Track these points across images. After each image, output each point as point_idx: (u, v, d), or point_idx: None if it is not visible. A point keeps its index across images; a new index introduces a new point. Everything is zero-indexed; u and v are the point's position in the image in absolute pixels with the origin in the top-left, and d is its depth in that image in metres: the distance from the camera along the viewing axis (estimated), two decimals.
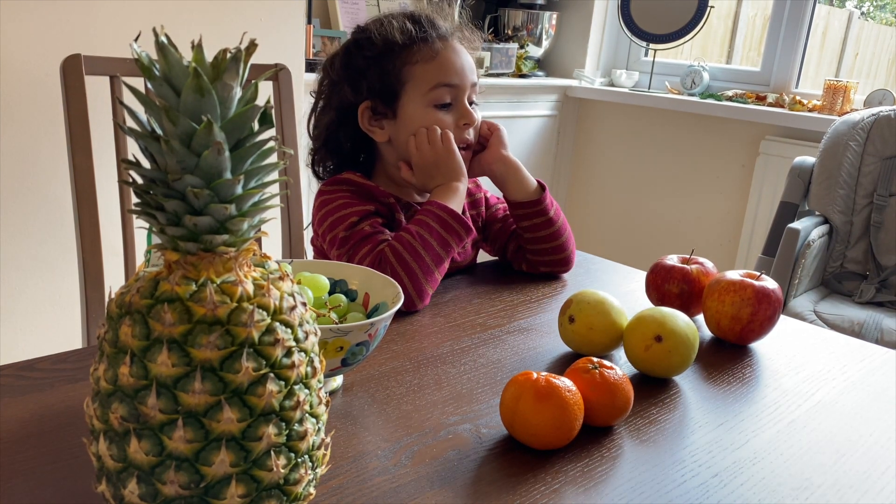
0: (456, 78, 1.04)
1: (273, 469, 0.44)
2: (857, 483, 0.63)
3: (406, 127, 1.04)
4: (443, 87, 1.03)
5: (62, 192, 1.76)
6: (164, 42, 0.42)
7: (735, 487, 0.61)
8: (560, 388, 0.63)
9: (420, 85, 1.03)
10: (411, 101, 1.04)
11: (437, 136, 1.02)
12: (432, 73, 1.03)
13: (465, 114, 1.05)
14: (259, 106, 0.44)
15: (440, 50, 1.04)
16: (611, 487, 0.60)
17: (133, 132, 0.43)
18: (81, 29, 1.72)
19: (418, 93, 1.03)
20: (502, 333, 0.89)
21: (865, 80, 2.76)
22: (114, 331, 0.44)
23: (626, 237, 2.92)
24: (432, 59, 1.03)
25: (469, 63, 1.07)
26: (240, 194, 0.44)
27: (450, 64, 1.04)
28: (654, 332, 0.77)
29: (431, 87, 1.03)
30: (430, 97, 1.03)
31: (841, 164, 2.03)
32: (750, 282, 0.88)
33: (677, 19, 2.68)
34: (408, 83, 1.03)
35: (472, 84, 1.06)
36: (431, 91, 1.03)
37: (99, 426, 0.44)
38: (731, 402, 0.76)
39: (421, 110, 1.03)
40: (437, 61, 1.03)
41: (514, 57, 2.68)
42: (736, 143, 2.59)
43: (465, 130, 1.06)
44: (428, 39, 1.04)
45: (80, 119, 1.14)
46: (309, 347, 0.47)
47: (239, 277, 0.44)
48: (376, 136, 1.06)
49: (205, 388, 0.42)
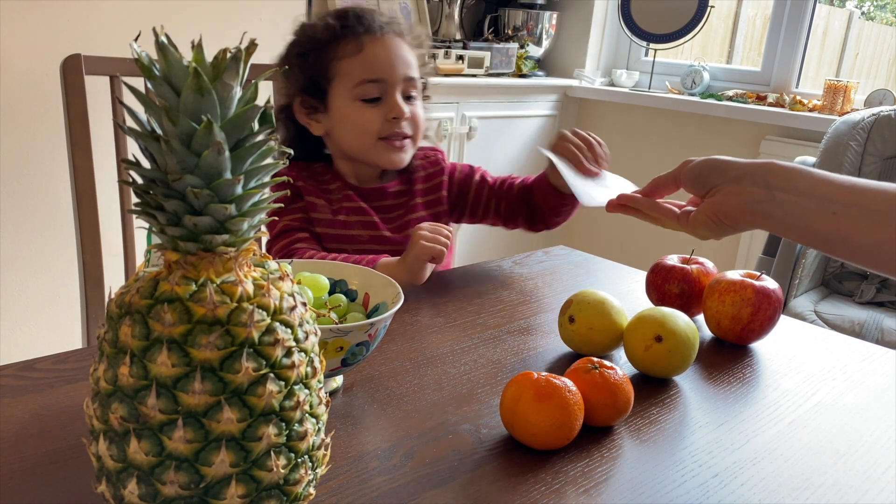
0: (383, 72, 1.05)
1: (273, 469, 0.44)
2: (857, 483, 0.63)
3: (338, 122, 1.08)
4: (368, 83, 1.05)
5: (62, 193, 1.76)
6: (164, 42, 0.42)
7: (735, 488, 0.61)
8: (560, 389, 0.63)
9: (346, 80, 1.05)
10: (339, 97, 1.06)
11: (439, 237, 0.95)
12: (357, 69, 1.05)
13: (394, 108, 1.06)
14: (259, 106, 0.44)
15: (365, 44, 1.05)
16: (611, 488, 0.60)
17: (133, 132, 0.43)
18: (81, 29, 1.72)
19: (345, 88, 1.05)
20: (502, 333, 0.89)
21: (866, 80, 2.76)
22: (114, 331, 0.44)
23: (627, 237, 2.92)
24: (356, 54, 1.05)
25: (402, 57, 1.07)
26: (240, 194, 0.44)
27: (375, 58, 1.05)
28: (654, 332, 0.77)
29: (357, 83, 1.05)
30: (356, 92, 1.05)
31: (841, 164, 2.03)
32: (750, 282, 0.88)
33: (678, 19, 2.68)
34: (334, 79, 1.06)
35: (406, 78, 1.07)
36: (357, 87, 1.05)
37: (99, 426, 0.44)
38: (731, 402, 0.76)
39: (348, 105, 1.06)
40: (362, 56, 1.05)
41: (514, 57, 2.68)
42: (736, 142, 2.59)
43: (396, 125, 1.07)
44: (353, 35, 1.05)
45: (80, 119, 1.14)
46: (309, 347, 0.47)
47: (239, 277, 0.44)
48: (313, 130, 1.10)
49: (205, 389, 0.42)
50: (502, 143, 2.66)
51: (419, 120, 1.11)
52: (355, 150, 1.09)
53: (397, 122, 1.07)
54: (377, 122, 1.06)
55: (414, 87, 1.10)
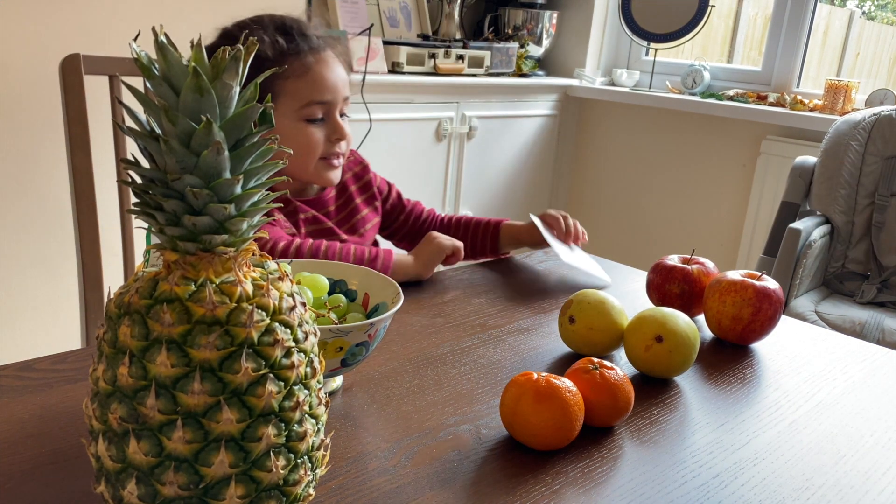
0: (328, 94, 1.05)
1: (272, 470, 0.44)
2: (858, 484, 0.63)
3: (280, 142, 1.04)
4: (315, 105, 1.04)
5: (61, 192, 1.76)
6: (164, 41, 0.42)
7: (736, 488, 0.61)
8: (560, 389, 0.63)
9: (291, 101, 1.03)
10: (283, 116, 1.04)
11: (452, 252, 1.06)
12: (304, 90, 1.03)
13: (337, 129, 1.07)
14: (259, 105, 0.44)
15: (312, 65, 1.04)
16: (611, 488, 0.60)
17: (132, 132, 0.42)
18: (80, 28, 1.72)
19: (290, 108, 1.03)
20: (502, 334, 0.89)
21: (866, 80, 2.75)
22: (113, 331, 0.44)
23: (627, 237, 2.91)
24: (304, 75, 1.03)
25: (342, 77, 1.07)
26: (239, 194, 0.44)
27: (322, 80, 1.04)
28: (654, 332, 0.76)
29: (303, 105, 1.03)
30: (302, 113, 1.04)
31: (842, 164, 2.03)
32: (751, 282, 0.88)
33: (678, 18, 2.68)
34: (279, 98, 1.03)
35: (344, 98, 1.08)
36: (303, 108, 1.03)
37: (98, 427, 0.44)
38: (731, 402, 0.76)
39: (293, 125, 1.04)
40: (309, 77, 1.03)
41: (514, 56, 2.68)
42: (737, 142, 2.59)
43: (336, 144, 1.08)
44: (299, 53, 1.03)
45: (79, 119, 1.14)
46: (308, 348, 0.47)
47: (238, 277, 0.44)
48: None
49: (204, 389, 0.42)
50: (502, 143, 2.66)
51: (350, 137, 1.12)
52: (295, 169, 1.06)
53: (338, 143, 1.08)
54: (321, 142, 1.06)
55: (347, 105, 1.11)
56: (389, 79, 2.20)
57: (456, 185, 2.53)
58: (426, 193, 2.45)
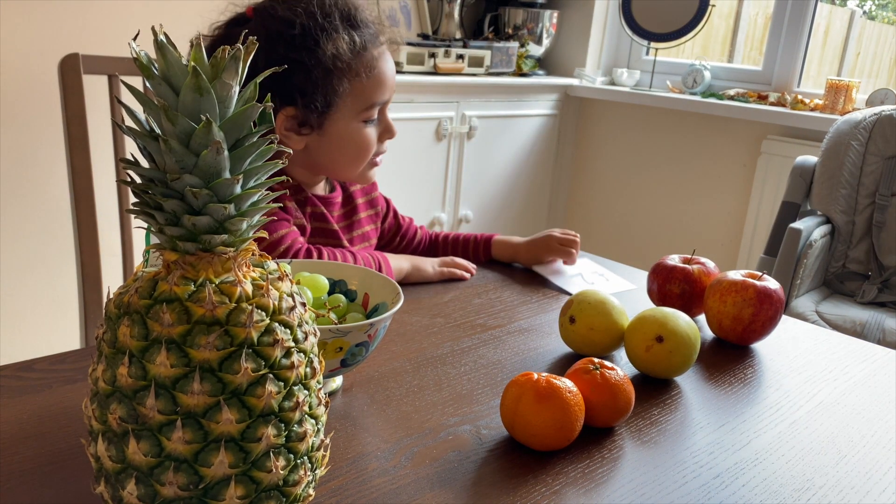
0: (388, 93, 0.99)
1: (272, 470, 0.44)
2: (858, 484, 0.63)
3: (332, 142, 0.98)
4: (376, 106, 0.99)
5: (60, 192, 1.76)
6: (163, 41, 0.41)
7: (737, 489, 0.61)
8: (561, 389, 0.63)
9: (356, 102, 0.96)
10: (343, 117, 0.96)
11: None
12: (369, 90, 0.97)
13: (389, 127, 1.02)
14: (258, 105, 0.43)
15: (376, 60, 0.97)
16: (612, 489, 0.59)
17: (131, 131, 0.42)
18: (79, 28, 1.72)
19: (353, 109, 0.97)
20: (503, 334, 0.88)
21: (867, 80, 2.75)
22: (112, 331, 0.44)
23: (628, 237, 2.91)
24: (371, 73, 0.96)
25: (394, 70, 1.01)
26: (239, 194, 0.44)
27: (384, 78, 0.98)
28: (655, 332, 0.76)
29: (366, 107, 0.97)
30: (364, 115, 0.98)
31: (843, 164, 2.02)
32: (752, 282, 0.88)
33: (678, 18, 2.68)
34: (344, 97, 0.95)
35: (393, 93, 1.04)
36: (366, 110, 0.97)
37: (97, 427, 0.44)
38: (732, 402, 0.76)
39: (352, 126, 0.97)
40: (375, 76, 0.97)
41: (514, 56, 2.68)
42: (737, 142, 2.59)
43: (384, 143, 1.04)
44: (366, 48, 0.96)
45: (78, 118, 1.14)
46: (308, 348, 0.47)
47: (238, 278, 0.44)
48: (291, 144, 0.97)
49: (203, 389, 0.42)
50: (502, 143, 2.66)
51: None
52: (348, 170, 1.02)
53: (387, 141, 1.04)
54: (375, 142, 1.01)
55: None
56: None
57: (456, 184, 2.53)
58: (426, 193, 2.45)
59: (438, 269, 1.06)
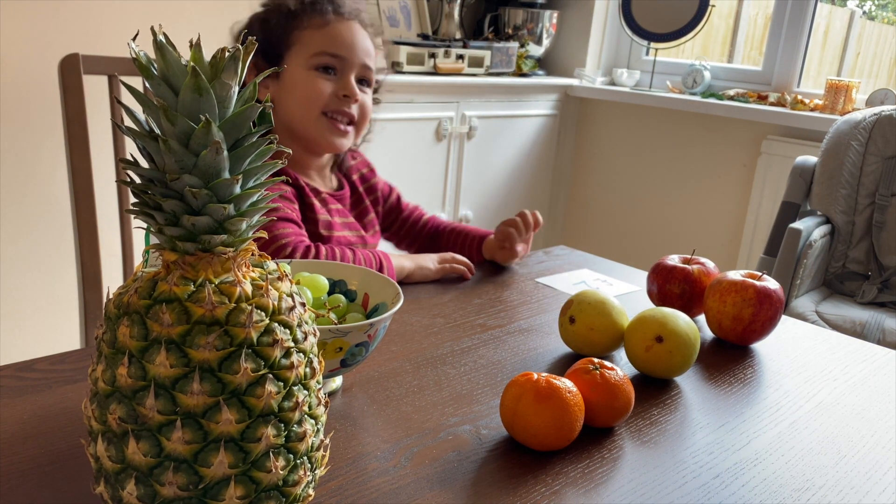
0: (343, 50, 1.06)
1: (272, 470, 0.44)
2: (858, 484, 0.63)
3: (287, 89, 1.06)
4: (327, 55, 1.05)
5: (60, 192, 1.76)
6: (163, 41, 0.41)
7: (736, 489, 0.61)
8: (560, 389, 0.63)
9: (305, 49, 1.05)
10: (294, 64, 1.05)
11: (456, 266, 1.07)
12: (318, 40, 1.05)
13: (347, 86, 1.07)
14: (258, 105, 0.43)
15: (331, 21, 1.06)
16: (611, 489, 0.59)
17: (131, 132, 0.42)
18: (79, 28, 1.72)
19: (302, 56, 1.05)
20: (502, 334, 0.88)
21: (867, 80, 2.75)
22: (112, 331, 0.44)
23: (627, 237, 2.91)
24: (321, 28, 1.05)
25: (363, 44, 1.08)
26: (238, 194, 0.44)
27: (338, 35, 1.06)
28: (654, 332, 0.76)
29: (315, 53, 1.05)
30: (313, 62, 1.05)
31: (843, 164, 2.02)
32: (751, 282, 0.88)
33: (678, 18, 2.68)
34: (293, 46, 1.05)
35: (362, 64, 1.08)
36: (315, 56, 1.05)
37: (97, 427, 0.44)
38: (732, 402, 0.76)
39: (303, 73, 1.05)
40: (326, 31, 1.05)
41: (514, 56, 2.68)
42: (737, 142, 2.59)
43: (345, 103, 1.07)
44: (323, 12, 1.06)
45: (78, 118, 1.14)
46: (308, 348, 0.47)
47: (237, 278, 0.44)
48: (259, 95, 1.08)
49: (203, 389, 0.42)
50: (502, 143, 2.66)
51: (367, 109, 1.11)
52: (298, 120, 1.07)
53: (346, 101, 1.07)
54: (326, 93, 1.06)
55: (369, 77, 1.10)
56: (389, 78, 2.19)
57: (456, 184, 2.53)
58: (426, 193, 2.45)
59: (438, 265, 1.06)
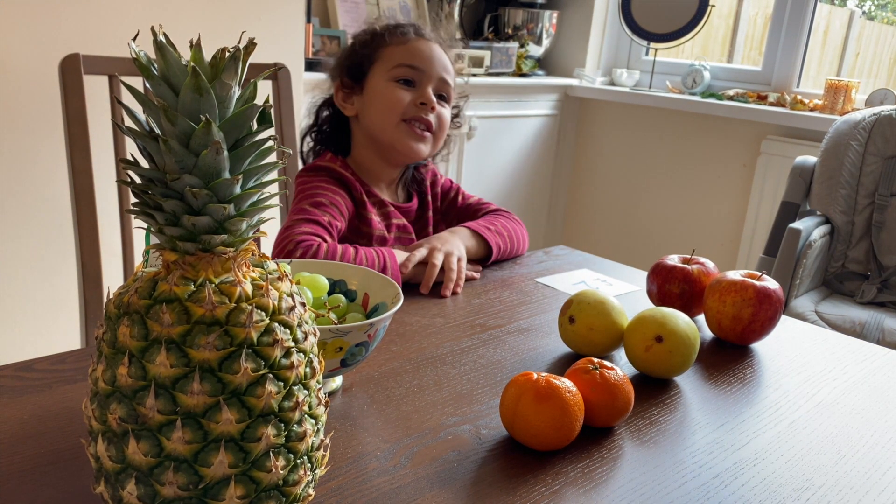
0: (421, 62, 1.13)
1: (272, 470, 0.44)
2: (858, 484, 0.63)
3: (369, 101, 1.14)
4: (406, 67, 1.12)
5: (60, 192, 1.76)
6: (163, 41, 0.41)
7: (736, 488, 0.61)
8: (560, 389, 0.63)
9: (386, 63, 1.13)
10: (376, 77, 1.13)
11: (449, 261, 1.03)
12: (399, 54, 1.13)
13: (423, 94, 1.12)
14: (258, 105, 0.43)
15: (412, 39, 1.14)
16: (611, 489, 0.60)
17: (131, 132, 0.42)
18: (80, 28, 1.72)
19: (384, 69, 1.13)
20: (502, 334, 0.88)
21: (867, 80, 2.75)
22: (112, 331, 0.44)
23: (627, 237, 2.91)
24: (402, 44, 1.14)
25: (441, 59, 1.15)
26: (238, 194, 0.44)
27: (416, 50, 1.13)
28: (654, 332, 0.76)
29: (396, 65, 1.12)
30: (393, 73, 1.12)
31: (842, 164, 2.03)
32: (751, 282, 0.88)
33: (678, 18, 2.68)
34: (376, 62, 1.14)
35: (440, 78, 1.14)
36: (395, 68, 1.12)
37: (97, 427, 0.44)
38: (731, 402, 0.76)
39: (383, 84, 1.12)
40: (406, 46, 1.13)
41: (514, 56, 2.68)
42: (737, 142, 2.59)
43: (423, 111, 1.13)
44: (403, 32, 1.15)
45: (79, 119, 1.14)
46: (308, 348, 0.47)
47: (238, 278, 0.44)
48: (347, 111, 1.16)
49: (203, 389, 0.42)
50: (502, 143, 2.66)
51: (444, 121, 1.16)
52: (379, 127, 1.13)
53: (424, 109, 1.12)
54: (405, 101, 1.11)
55: (447, 92, 1.16)
56: None
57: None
58: None
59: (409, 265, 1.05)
